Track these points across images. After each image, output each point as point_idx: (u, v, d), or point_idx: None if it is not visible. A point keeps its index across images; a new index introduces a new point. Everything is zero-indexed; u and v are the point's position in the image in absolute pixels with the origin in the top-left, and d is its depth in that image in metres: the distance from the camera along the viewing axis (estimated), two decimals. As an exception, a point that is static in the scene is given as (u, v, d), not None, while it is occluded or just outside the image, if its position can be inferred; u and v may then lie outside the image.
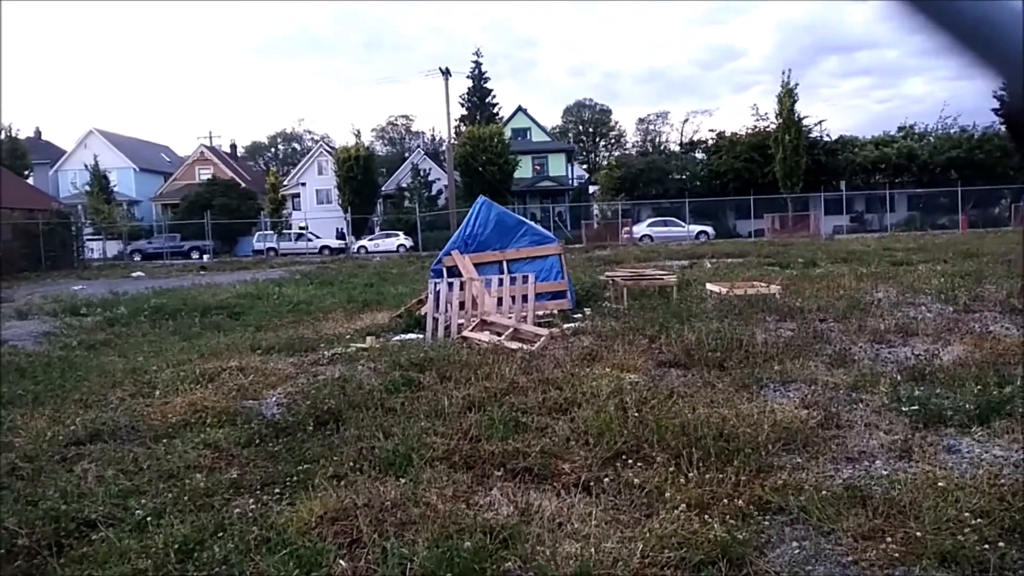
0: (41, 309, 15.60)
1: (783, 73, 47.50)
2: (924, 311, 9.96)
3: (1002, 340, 7.64)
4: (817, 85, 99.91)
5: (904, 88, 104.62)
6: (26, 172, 46.47)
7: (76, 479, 4.62)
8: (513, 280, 10.68)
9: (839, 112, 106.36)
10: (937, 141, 45.58)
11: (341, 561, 3.41)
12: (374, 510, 3.89)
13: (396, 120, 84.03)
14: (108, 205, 46.21)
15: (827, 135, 48.27)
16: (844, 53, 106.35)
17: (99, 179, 47.50)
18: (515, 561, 3.35)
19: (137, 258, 42.91)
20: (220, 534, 3.70)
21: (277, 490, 4.35)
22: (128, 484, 4.48)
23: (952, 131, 46.59)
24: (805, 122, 44.27)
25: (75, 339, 10.98)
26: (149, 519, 3.89)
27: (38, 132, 63.52)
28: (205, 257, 41.37)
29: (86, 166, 49.27)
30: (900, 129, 48.30)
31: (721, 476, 4.14)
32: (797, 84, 43.18)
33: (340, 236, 45.34)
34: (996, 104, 36.82)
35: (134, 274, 29.78)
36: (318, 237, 45.97)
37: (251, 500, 4.21)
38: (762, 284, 12.22)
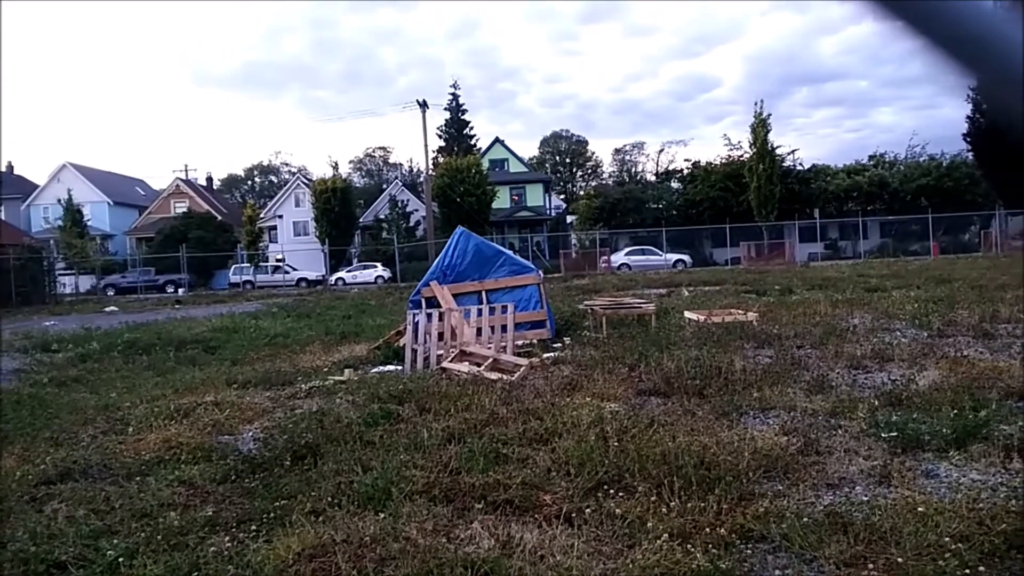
0: (11, 346, 15.31)
1: (755, 104, 48.33)
2: (899, 336, 10.08)
3: (976, 364, 7.73)
4: (789, 115, 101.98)
5: (874, 118, 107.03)
6: (-3, 207, 46.04)
7: (46, 520, 4.50)
8: (492, 310, 10.67)
9: (811, 141, 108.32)
10: (907, 169, 46.57)
11: (319, 599, 3.34)
12: (353, 546, 3.82)
13: (374, 152, 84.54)
14: (81, 239, 45.71)
15: (800, 164, 49.22)
16: (815, 84, 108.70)
17: (72, 213, 46.99)
18: (497, 596, 3.30)
19: (111, 292, 42.39)
20: (195, 574, 3.61)
21: (253, 527, 4.26)
22: (100, 524, 4.37)
23: (921, 159, 47.65)
24: (778, 151, 45.09)
25: (46, 376, 10.78)
26: (121, 560, 3.79)
27: (10, 167, 62.73)
28: (180, 291, 41.00)
29: (59, 200, 48.75)
30: (871, 158, 49.35)
31: (703, 505, 4.12)
32: (770, 115, 44.04)
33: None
34: (966, 130, 37.64)
35: (107, 309, 29.38)
36: (295, 269, 45.72)
37: (227, 538, 4.12)
38: (739, 312, 12.31)
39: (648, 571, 3.40)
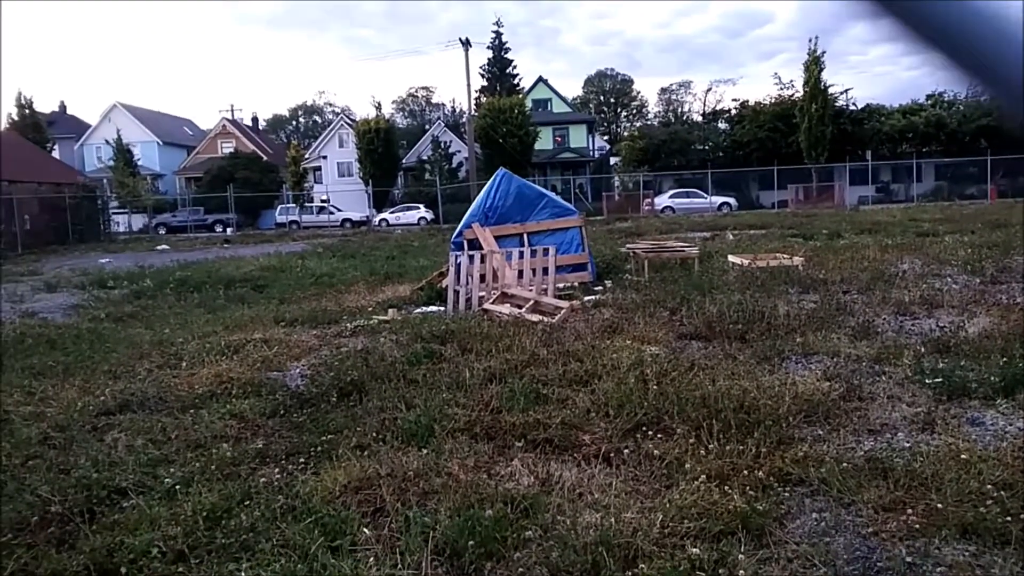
0: (69, 282, 15.85)
1: (810, 41, 46.43)
2: (950, 283, 9.84)
3: (1030, 312, 7.54)
4: (844, 52, 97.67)
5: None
6: (48, 145, 46.80)
7: (107, 448, 4.73)
8: (534, 252, 10.67)
9: (867, 80, 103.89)
10: (967, 109, 44.54)
11: (365, 529, 3.48)
12: (397, 480, 3.95)
13: (416, 92, 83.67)
14: (133, 179, 46.52)
15: (853, 104, 47.29)
16: (872, 18, 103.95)
17: (123, 153, 47.75)
18: (535, 530, 3.39)
19: (162, 231, 43.28)
20: (247, 502, 3.78)
21: (302, 460, 4.43)
22: (157, 453, 4.58)
23: (982, 98, 45.53)
24: (831, 91, 43.45)
25: (103, 311, 11.16)
26: (178, 487, 3.99)
27: (63, 106, 63.71)
28: (228, 230, 41.68)
29: (108, 141, 49.53)
30: (929, 97, 47.26)
31: (741, 448, 4.15)
32: (824, 52, 42.20)
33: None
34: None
35: (159, 247, 30.11)
36: (340, 210, 46.08)
37: (276, 469, 4.29)
38: (785, 256, 12.12)
39: (685, 511, 3.46)
